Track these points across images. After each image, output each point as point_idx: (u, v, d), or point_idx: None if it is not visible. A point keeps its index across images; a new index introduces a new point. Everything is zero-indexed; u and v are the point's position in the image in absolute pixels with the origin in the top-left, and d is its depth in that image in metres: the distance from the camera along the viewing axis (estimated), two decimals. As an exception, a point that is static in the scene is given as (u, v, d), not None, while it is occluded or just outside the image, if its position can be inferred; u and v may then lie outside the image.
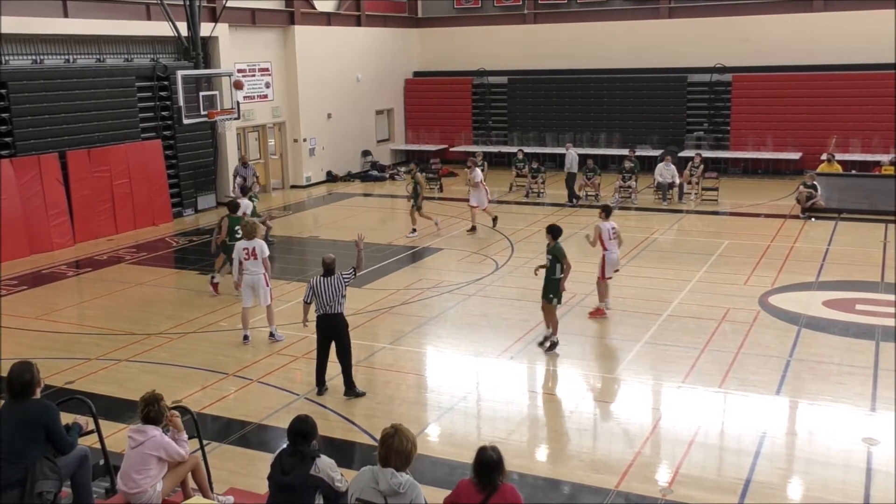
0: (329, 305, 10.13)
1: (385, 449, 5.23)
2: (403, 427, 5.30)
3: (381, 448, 5.26)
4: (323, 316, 10.22)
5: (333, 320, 10.20)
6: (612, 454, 8.79)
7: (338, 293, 10.14)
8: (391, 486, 5.14)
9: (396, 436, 5.23)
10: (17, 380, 6.08)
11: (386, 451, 5.22)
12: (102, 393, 10.34)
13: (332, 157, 28.12)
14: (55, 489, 6.09)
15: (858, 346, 11.66)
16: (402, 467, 5.22)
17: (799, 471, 8.44)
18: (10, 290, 15.62)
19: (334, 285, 10.14)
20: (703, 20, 27.41)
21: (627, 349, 11.77)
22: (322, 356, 10.38)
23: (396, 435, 5.23)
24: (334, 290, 10.13)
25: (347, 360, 10.30)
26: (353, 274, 10.37)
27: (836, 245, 17.62)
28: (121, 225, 20.35)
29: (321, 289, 10.15)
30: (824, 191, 20.80)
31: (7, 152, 17.97)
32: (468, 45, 30.91)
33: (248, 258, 12.39)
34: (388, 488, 5.15)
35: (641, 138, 28.21)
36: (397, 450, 5.20)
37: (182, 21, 20.78)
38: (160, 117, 21.72)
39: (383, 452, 5.24)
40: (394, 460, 5.19)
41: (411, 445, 5.24)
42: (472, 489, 5.30)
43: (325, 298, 10.13)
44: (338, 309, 10.18)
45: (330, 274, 10.24)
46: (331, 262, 10.37)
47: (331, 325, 10.23)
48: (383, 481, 5.17)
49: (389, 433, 5.26)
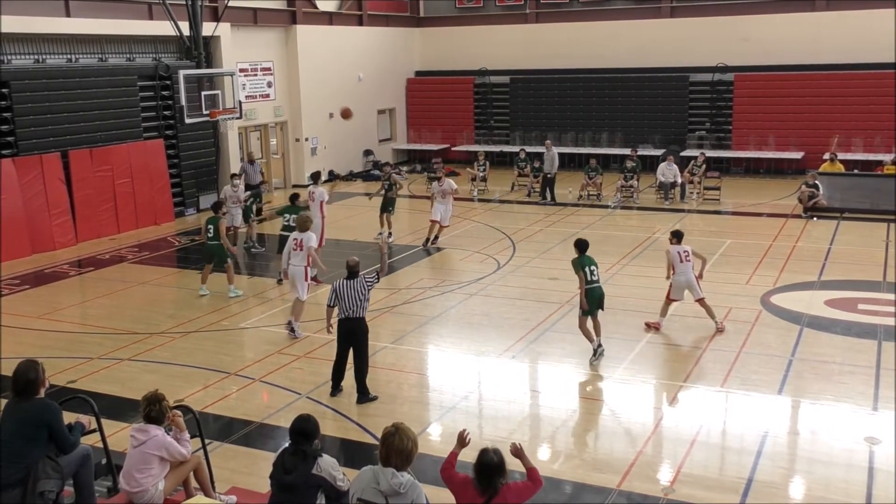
0: (351, 309, 9.98)
1: (386, 448, 5.23)
2: (404, 426, 5.30)
3: (382, 447, 5.26)
4: (345, 320, 10.07)
5: (355, 325, 10.05)
6: (613, 453, 8.79)
7: (361, 297, 9.99)
8: (392, 487, 5.14)
9: (397, 434, 5.22)
10: (21, 378, 6.10)
11: (387, 449, 5.22)
12: (104, 392, 10.35)
13: (334, 157, 28.14)
14: (57, 488, 6.10)
15: (860, 345, 11.65)
16: (403, 466, 5.22)
17: (801, 470, 8.44)
18: (13, 290, 15.64)
19: (356, 288, 9.99)
20: (705, 19, 27.40)
21: (629, 348, 11.77)
22: (341, 359, 10.26)
23: (397, 434, 5.22)
24: (357, 293, 9.97)
25: (363, 366, 10.16)
26: (376, 278, 10.23)
27: (838, 244, 17.61)
28: (123, 224, 20.37)
29: (344, 292, 10.01)
30: (826, 190, 20.79)
31: (9, 152, 17.99)
32: (470, 44, 30.91)
33: (295, 249, 12.67)
34: (389, 488, 5.15)
35: (643, 138, 28.20)
36: (398, 449, 5.19)
37: (184, 20, 20.78)
38: (162, 117, 21.73)
39: (384, 451, 5.24)
40: (394, 459, 5.19)
41: (412, 444, 5.24)
42: (474, 492, 5.30)
43: (347, 302, 9.98)
44: (360, 313, 10.03)
45: (353, 277, 10.11)
46: (354, 264, 10.23)
47: (352, 330, 10.07)
48: (384, 481, 5.17)
49: (390, 432, 5.25)
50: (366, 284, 10.07)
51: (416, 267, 16.61)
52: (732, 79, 27.31)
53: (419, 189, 26.20)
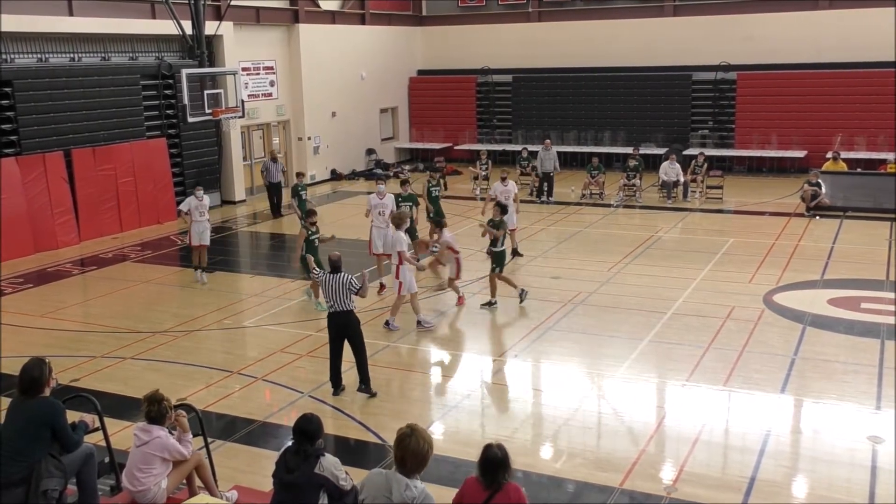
0: (337, 303, 10.07)
1: (401, 450, 5.07)
2: (420, 427, 5.14)
3: (397, 449, 5.11)
4: (333, 314, 10.16)
5: (343, 318, 10.12)
6: (616, 452, 8.78)
7: (344, 291, 10.03)
8: (404, 499, 5.01)
9: (413, 436, 5.06)
10: (26, 376, 6.11)
11: (402, 452, 5.07)
12: (107, 391, 10.37)
13: (337, 156, 28.15)
14: (60, 487, 6.11)
15: (863, 344, 11.64)
16: (418, 469, 5.08)
17: (803, 469, 8.43)
18: (16, 288, 15.67)
19: (340, 282, 10.06)
20: (708, 18, 27.37)
21: (632, 347, 11.76)
22: (334, 355, 10.29)
23: (413, 435, 5.07)
24: (341, 286, 10.03)
25: (362, 358, 10.21)
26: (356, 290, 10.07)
27: (841, 243, 17.58)
28: (126, 223, 20.39)
29: (328, 285, 10.10)
30: (829, 189, 20.76)
31: (12, 151, 18.01)
32: (472, 43, 30.90)
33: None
34: (401, 501, 5.02)
35: (646, 136, 28.18)
36: (413, 451, 5.04)
37: (187, 19, 20.81)
38: (165, 116, 21.75)
39: (399, 454, 5.09)
40: (410, 462, 5.04)
41: (428, 447, 5.08)
42: (477, 487, 5.28)
43: (331, 295, 10.08)
44: (347, 307, 10.08)
45: (336, 271, 10.18)
46: (336, 259, 10.30)
47: (341, 324, 10.15)
48: (397, 493, 5.03)
49: (406, 433, 5.09)
50: (349, 284, 10.02)
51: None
52: (735, 77, 27.28)
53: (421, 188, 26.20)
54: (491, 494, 5.20)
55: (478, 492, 5.24)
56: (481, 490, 5.22)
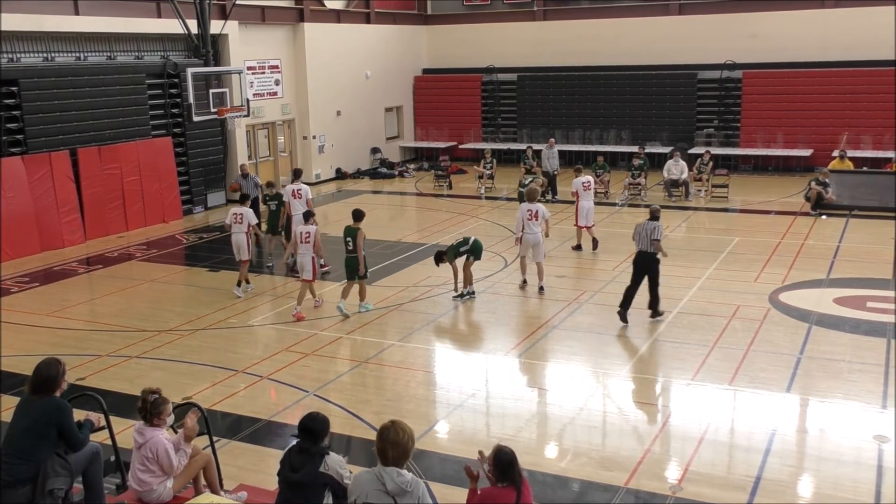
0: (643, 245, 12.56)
1: (382, 442, 5.14)
2: (400, 421, 5.23)
3: (379, 442, 5.17)
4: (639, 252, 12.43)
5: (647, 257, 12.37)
6: (621, 451, 8.77)
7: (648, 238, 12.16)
8: (398, 486, 5.06)
9: (392, 428, 5.15)
10: (41, 375, 6.12)
11: (383, 443, 5.13)
12: (113, 389, 10.39)
13: (342, 155, 28.16)
14: (66, 486, 6.12)
15: (869, 343, 11.60)
16: (402, 460, 5.14)
17: (809, 468, 8.41)
18: (22, 287, 15.71)
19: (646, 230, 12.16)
20: (714, 16, 27.31)
21: (637, 346, 11.76)
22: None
23: (392, 427, 5.15)
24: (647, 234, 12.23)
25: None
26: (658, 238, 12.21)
27: (847, 242, 17.54)
28: (131, 222, 20.43)
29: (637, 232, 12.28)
30: (835, 188, 20.70)
31: (18, 150, 18.06)
32: (477, 42, 30.89)
33: (530, 219, 14.11)
34: (396, 487, 5.06)
35: (651, 135, 28.13)
36: (393, 441, 5.10)
37: (192, 19, 20.84)
38: (170, 115, 21.79)
39: (380, 445, 5.15)
40: (391, 452, 5.10)
41: (408, 437, 5.15)
42: (501, 491, 5.33)
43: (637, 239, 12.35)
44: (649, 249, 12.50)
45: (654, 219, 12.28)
46: (656, 210, 12.54)
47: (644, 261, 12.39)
48: (390, 481, 5.07)
49: (386, 426, 5.19)
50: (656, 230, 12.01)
51: (422, 265, 16.59)
52: (741, 76, 27.22)
53: (426, 187, 26.23)
54: (518, 491, 5.29)
55: (504, 494, 5.31)
56: (506, 491, 5.30)
